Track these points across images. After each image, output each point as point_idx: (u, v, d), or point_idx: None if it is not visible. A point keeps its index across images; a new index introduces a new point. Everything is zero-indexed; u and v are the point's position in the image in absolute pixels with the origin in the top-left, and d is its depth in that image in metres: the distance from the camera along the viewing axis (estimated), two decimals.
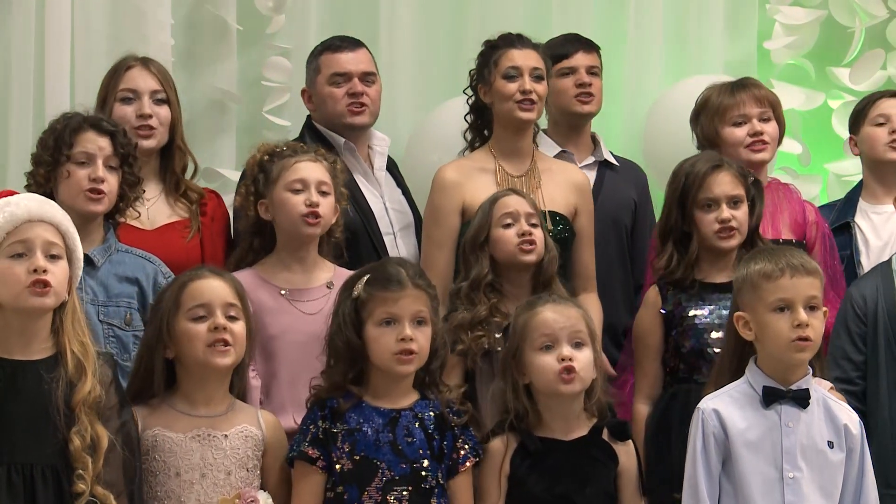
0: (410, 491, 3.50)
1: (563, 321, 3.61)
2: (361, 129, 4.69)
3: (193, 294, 3.56)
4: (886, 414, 4.15)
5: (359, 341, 3.56)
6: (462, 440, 3.59)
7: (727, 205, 4.08)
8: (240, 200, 4.05)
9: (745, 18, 5.92)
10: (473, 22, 5.62)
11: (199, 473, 3.49)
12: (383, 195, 4.69)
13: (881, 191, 4.86)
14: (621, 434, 3.65)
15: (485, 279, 4.04)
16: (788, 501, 3.39)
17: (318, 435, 3.53)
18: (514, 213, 4.07)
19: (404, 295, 3.56)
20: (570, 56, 4.84)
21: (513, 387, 3.61)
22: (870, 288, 4.28)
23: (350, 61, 4.68)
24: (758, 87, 4.63)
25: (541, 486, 3.56)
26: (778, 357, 3.44)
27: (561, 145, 4.86)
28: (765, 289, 3.44)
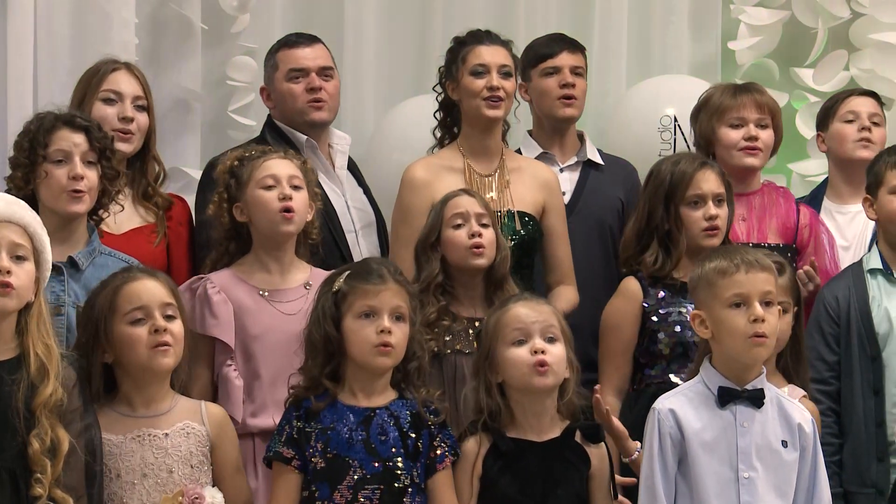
0: (382, 490, 3.49)
1: (536, 316, 3.61)
2: (321, 125, 4.67)
3: (129, 297, 3.52)
4: (860, 413, 4.18)
5: (337, 335, 3.56)
6: (439, 439, 3.59)
7: (713, 202, 4.10)
8: (213, 209, 4.02)
9: (709, 19, 5.94)
10: (438, 21, 5.62)
11: (139, 474, 3.47)
12: (345, 193, 4.68)
13: (846, 190, 4.87)
14: (594, 437, 3.65)
15: (435, 280, 4.03)
16: (744, 501, 3.39)
17: (293, 434, 3.53)
18: (464, 213, 4.06)
19: (385, 288, 3.57)
20: (555, 56, 4.83)
21: (486, 386, 3.61)
22: (842, 289, 4.30)
23: (307, 56, 4.67)
24: (761, 93, 4.65)
25: (513, 487, 3.56)
26: (734, 354, 3.44)
27: (545, 146, 4.85)
28: (720, 285, 3.45)
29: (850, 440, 4.12)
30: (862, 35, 5.87)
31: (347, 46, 5.54)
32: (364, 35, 5.60)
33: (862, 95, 4.94)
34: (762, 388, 3.47)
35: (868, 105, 4.87)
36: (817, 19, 5.91)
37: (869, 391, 4.21)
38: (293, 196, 3.92)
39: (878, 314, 4.26)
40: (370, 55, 5.61)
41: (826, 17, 5.90)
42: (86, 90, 4.35)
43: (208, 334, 3.86)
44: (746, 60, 5.91)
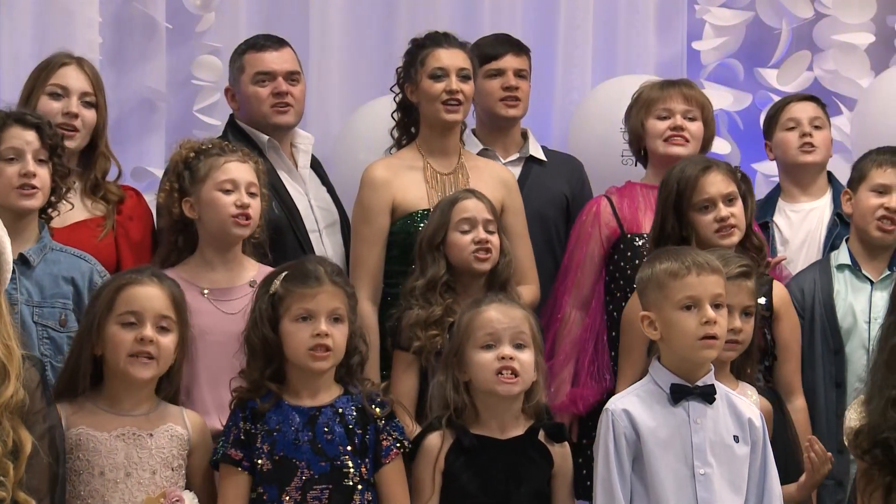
0: (331, 489, 3.49)
1: (507, 321, 3.61)
2: (286, 128, 4.67)
3: (128, 299, 3.52)
4: (822, 405, 4.22)
5: (275, 337, 3.55)
6: (386, 432, 3.58)
7: (723, 203, 4.09)
8: (164, 197, 4.00)
9: (674, 19, 5.96)
10: (403, 21, 5.62)
11: (123, 472, 3.47)
12: (308, 193, 4.67)
13: (797, 191, 4.91)
14: (557, 436, 3.66)
15: (441, 280, 4.06)
16: (700, 497, 3.41)
17: (241, 436, 3.52)
18: (472, 218, 4.08)
19: (321, 291, 3.56)
20: (500, 58, 4.84)
21: (453, 382, 3.61)
22: (808, 282, 4.34)
23: (275, 60, 4.65)
24: (689, 87, 4.64)
25: (475, 483, 3.57)
26: (685, 355, 3.46)
27: (487, 144, 4.86)
28: (671, 287, 3.45)
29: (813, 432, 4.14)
30: (825, 36, 5.90)
31: (313, 46, 5.53)
32: (329, 34, 5.59)
33: (801, 101, 4.97)
34: (713, 385, 3.48)
35: (808, 110, 4.90)
36: (781, 20, 5.94)
37: (831, 384, 4.24)
38: (251, 204, 3.91)
39: (843, 308, 4.30)
40: (336, 55, 5.60)
41: (790, 18, 5.92)
42: (34, 84, 4.32)
43: None
44: (711, 60, 5.93)
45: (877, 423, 3.47)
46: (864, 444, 3.49)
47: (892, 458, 3.45)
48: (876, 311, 4.28)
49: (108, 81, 4.60)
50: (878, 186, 4.34)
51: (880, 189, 4.34)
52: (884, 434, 3.45)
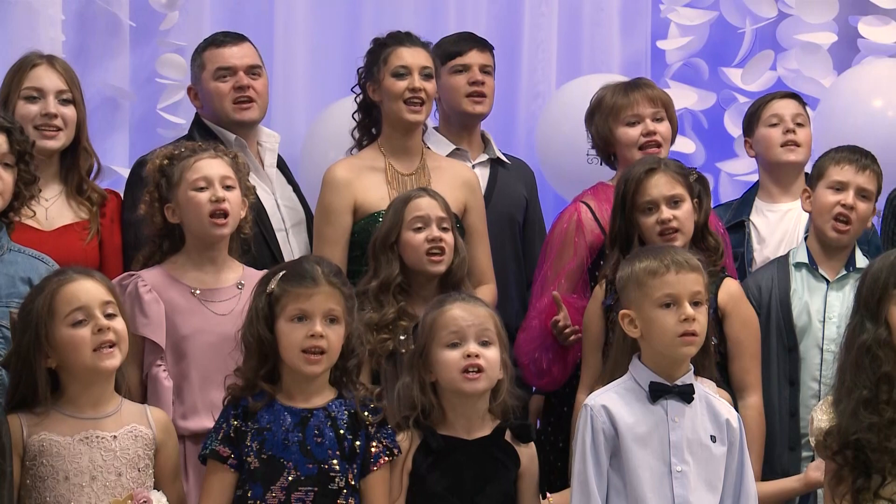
0: (316, 492, 3.49)
1: (472, 319, 3.61)
2: (250, 124, 4.65)
3: (68, 299, 3.47)
4: (775, 402, 4.22)
5: (270, 336, 3.54)
6: (377, 439, 3.58)
7: (666, 205, 4.09)
8: (145, 208, 3.98)
9: (638, 18, 5.98)
10: (369, 20, 5.62)
11: (88, 476, 3.44)
12: (275, 192, 4.67)
13: (777, 190, 4.92)
14: (524, 436, 3.66)
15: (394, 281, 4.05)
16: (677, 494, 3.42)
17: (230, 433, 3.52)
18: (425, 217, 4.07)
19: (317, 292, 3.55)
20: (464, 54, 4.84)
21: (419, 384, 3.61)
22: (766, 279, 4.35)
23: (234, 55, 4.64)
24: (650, 87, 4.65)
25: (442, 484, 3.57)
26: (664, 352, 3.47)
27: (453, 143, 4.86)
28: (650, 285, 3.47)
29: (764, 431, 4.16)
30: (788, 35, 5.93)
31: (278, 45, 5.53)
32: (294, 34, 5.59)
33: (784, 98, 4.98)
34: (691, 384, 3.50)
35: (791, 107, 4.92)
36: (745, 20, 5.96)
37: (785, 381, 4.26)
38: (226, 197, 3.90)
39: (799, 307, 4.31)
40: (301, 54, 5.60)
41: (753, 18, 5.95)
42: (9, 89, 4.31)
43: (138, 333, 3.81)
44: (675, 60, 5.95)
45: (847, 423, 3.48)
46: (835, 445, 3.50)
47: (863, 459, 3.46)
48: (831, 311, 4.30)
49: None
50: (835, 183, 4.35)
51: (837, 186, 4.35)
52: (855, 435, 3.46)
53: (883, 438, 3.46)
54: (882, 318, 3.53)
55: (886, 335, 3.51)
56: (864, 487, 3.47)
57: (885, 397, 3.48)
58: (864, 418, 3.47)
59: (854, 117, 5.40)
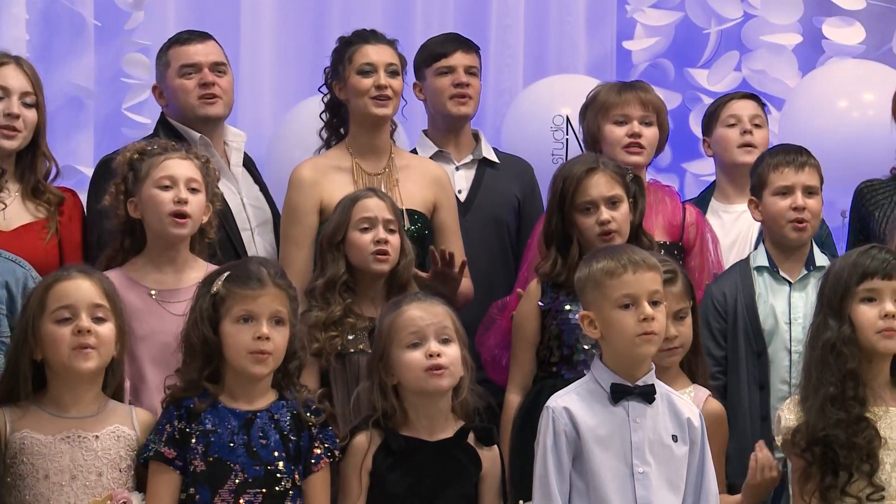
0: (264, 494, 3.47)
1: (430, 318, 3.60)
2: (216, 120, 4.63)
3: (58, 295, 3.48)
4: (746, 407, 4.21)
5: (215, 338, 3.51)
6: (319, 440, 3.57)
7: (605, 206, 4.09)
8: (110, 200, 3.97)
9: (604, 19, 6.00)
10: (335, 20, 5.62)
11: (68, 475, 3.42)
12: (240, 191, 4.65)
13: (733, 191, 4.93)
14: (486, 439, 3.65)
15: (340, 279, 4.03)
16: (639, 495, 3.41)
17: (174, 435, 3.48)
18: (372, 217, 4.05)
19: (264, 293, 3.53)
20: (449, 55, 4.83)
21: (380, 387, 3.59)
22: (729, 285, 4.33)
23: (199, 52, 4.62)
24: (645, 90, 4.66)
25: (402, 484, 3.56)
26: (625, 353, 3.46)
27: (440, 145, 4.86)
28: (609, 286, 3.46)
29: (735, 434, 4.15)
30: (754, 37, 5.96)
31: (244, 45, 5.52)
32: (261, 33, 5.58)
33: (742, 99, 5.00)
34: (653, 384, 3.49)
35: (748, 108, 4.94)
36: (710, 21, 5.98)
37: (755, 386, 4.25)
38: (189, 200, 3.88)
39: (765, 311, 4.31)
40: (267, 54, 5.59)
41: (719, 19, 5.97)
42: None
43: None
44: (641, 60, 5.97)
45: (815, 420, 3.49)
46: (803, 443, 3.51)
47: (830, 456, 3.47)
48: (795, 312, 4.30)
49: None
50: (780, 189, 4.33)
51: (783, 191, 4.33)
52: (823, 431, 3.47)
53: (851, 434, 3.47)
54: (846, 316, 3.55)
55: (850, 332, 3.53)
56: (832, 485, 3.48)
57: (851, 393, 3.50)
58: (831, 415, 3.49)
59: (819, 118, 5.43)
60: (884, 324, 3.52)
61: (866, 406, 3.52)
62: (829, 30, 5.92)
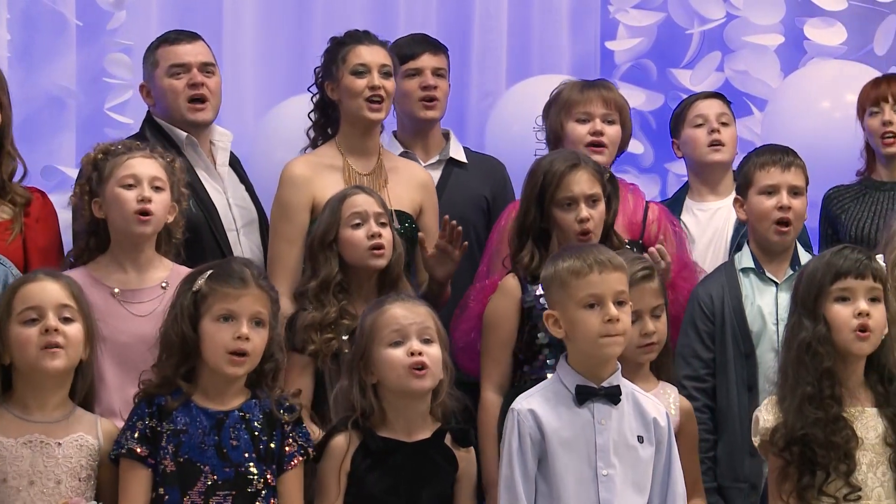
0: (235, 495, 3.46)
1: (413, 317, 3.60)
2: (203, 125, 4.63)
3: (24, 297, 3.48)
4: (735, 410, 4.21)
5: (194, 335, 3.51)
6: (292, 438, 3.56)
7: (585, 203, 4.09)
8: (75, 200, 3.97)
9: (587, 19, 6.00)
10: (317, 19, 5.62)
11: (27, 480, 3.41)
12: (226, 191, 4.64)
13: (705, 190, 4.96)
14: (463, 440, 3.65)
15: (334, 280, 4.03)
16: (602, 498, 3.40)
17: (146, 432, 3.47)
18: (362, 213, 4.05)
19: (246, 293, 3.52)
20: (417, 57, 4.83)
21: (360, 386, 3.58)
22: (716, 287, 4.33)
23: (188, 52, 4.61)
24: (608, 88, 4.66)
25: (380, 485, 3.55)
26: (589, 353, 3.45)
27: (408, 145, 4.85)
28: (574, 286, 3.44)
29: (724, 436, 4.17)
30: (736, 37, 5.97)
31: (226, 44, 5.51)
32: (243, 32, 5.57)
33: (707, 98, 5.02)
34: (618, 385, 3.48)
35: (714, 107, 4.95)
36: (693, 21, 5.99)
37: (743, 388, 4.26)
38: (152, 198, 3.87)
39: (752, 312, 4.31)
40: (249, 53, 5.58)
41: (701, 20, 5.98)
42: None
43: None
44: (624, 60, 5.97)
45: (793, 420, 3.50)
46: (781, 442, 3.51)
47: (808, 455, 3.48)
48: (783, 312, 4.27)
49: (16, 78, 4.56)
50: (766, 188, 4.34)
51: (769, 190, 4.34)
52: (801, 430, 3.48)
53: (829, 433, 3.48)
54: (820, 316, 3.56)
55: (825, 331, 3.54)
56: (810, 485, 3.49)
57: (828, 392, 3.51)
58: (809, 414, 3.50)
59: (801, 118, 5.44)
60: (858, 322, 3.53)
61: (843, 405, 3.53)
62: (810, 30, 5.94)
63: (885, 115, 4.82)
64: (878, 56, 5.97)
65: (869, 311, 3.54)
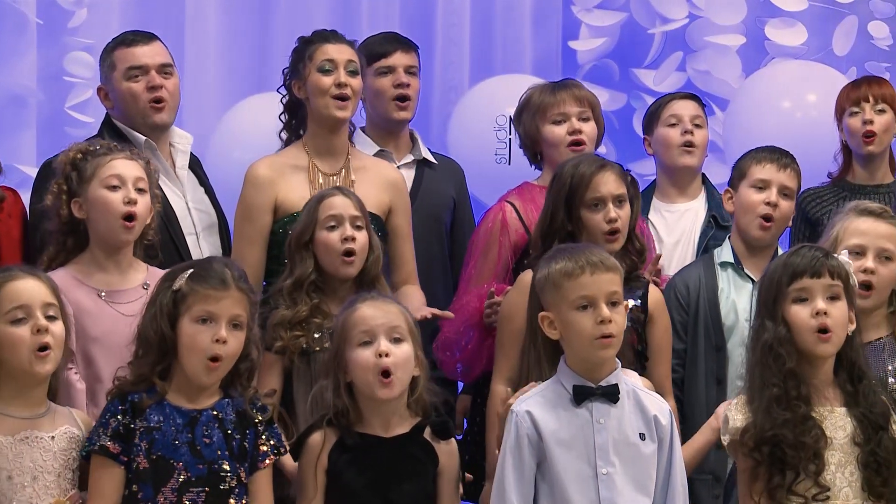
0: (207, 492, 3.44)
1: (381, 316, 3.59)
2: (163, 127, 4.61)
3: (10, 296, 3.43)
4: (703, 401, 4.23)
5: (172, 334, 3.49)
6: (265, 437, 3.55)
7: (613, 204, 4.08)
8: (51, 199, 3.93)
9: (550, 19, 6.01)
10: (280, 17, 5.60)
11: (30, 476, 3.39)
12: (185, 194, 4.60)
13: (674, 191, 4.96)
14: (443, 433, 3.64)
15: (308, 279, 4.02)
16: (603, 497, 3.40)
17: (119, 429, 3.45)
18: (338, 216, 4.04)
19: (227, 295, 3.50)
20: (389, 55, 4.81)
21: (335, 385, 3.58)
22: (693, 279, 4.37)
23: (146, 54, 4.57)
24: (578, 87, 4.65)
25: (359, 481, 3.54)
26: (584, 355, 3.46)
27: (379, 144, 4.84)
28: (567, 287, 3.45)
29: (692, 428, 4.16)
30: (698, 37, 6.00)
31: (188, 43, 5.49)
32: (205, 31, 5.55)
33: (683, 99, 5.03)
34: (617, 384, 3.48)
35: (689, 108, 4.96)
36: (655, 21, 6.02)
37: (712, 380, 4.28)
38: (138, 200, 3.86)
39: (726, 306, 4.34)
40: (210, 51, 5.56)
41: (663, 20, 6.01)
42: None
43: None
44: (587, 60, 5.99)
45: (762, 421, 3.50)
46: (751, 442, 3.51)
47: (779, 455, 3.49)
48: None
49: None
50: (758, 182, 4.39)
51: (760, 185, 4.39)
52: (771, 431, 3.49)
53: (798, 434, 3.48)
54: (780, 317, 3.55)
55: (786, 333, 3.53)
56: (780, 485, 3.48)
57: (794, 393, 3.51)
58: (777, 415, 3.49)
59: (763, 118, 5.47)
60: (817, 322, 3.52)
61: (811, 405, 3.53)
62: (772, 31, 5.98)
63: (866, 115, 4.87)
64: (837, 56, 6.02)
65: (827, 310, 3.52)
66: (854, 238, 3.91)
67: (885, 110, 4.89)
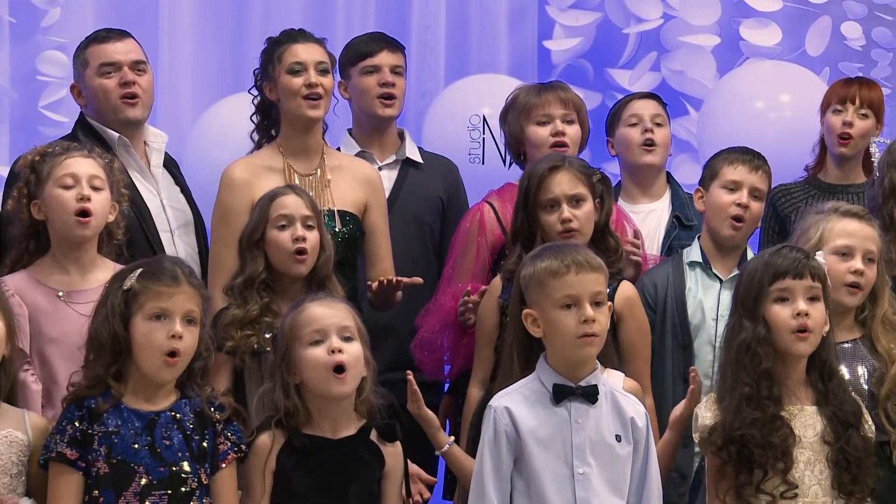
0: (170, 495, 3.43)
1: (332, 316, 3.59)
2: (136, 123, 4.59)
3: None
4: (669, 399, 4.24)
5: (125, 334, 3.48)
6: (224, 436, 3.54)
7: (567, 204, 4.09)
8: (12, 204, 3.92)
9: (525, 19, 6.02)
10: (255, 18, 5.60)
11: None
12: (160, 192, 4.59)
13: (637, 191, 4.97)
14: (389, 435, 3.64)
15: (259, 277, 4.01)
16: (579, 497, 3.41)
17: (76, 435, 3.43)
18: (289, 215, 4.04)
19: (179, 291, 3.50)
20: (375, 55, 4.81)
21: (283, 387, 3.57)
22: (661, 278, 4.39)
23: (118, 51, 4.56)
24: (564, 89, 4.67)
25: (306, 483, 3.53)
26: (566, 353, 3.47)
27: (364, 144, 4.84)
28: (551, 286, 3.46)
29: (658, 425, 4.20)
30: (672, 37, 6.01)
31: (163, 42, 5.48)
32: (179, 31, 5.54)
33: (643, 98, 5.04)
34: (596, 384, 3.49)
35: (649, 107, 4.97)
36: (629, 21, 6.03)
37: (679, 378, 4.30)
38: (92, 197, 3.84)
39: (693, 305, 4.37)
40: (186, 51, 5.55)
41: (637, 20, 6.02)
42: None
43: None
44: (561, 60, 6.00)
45: (731, 420, 3.52)
46: (719, 441, 3.53)
47: (746, 454, 3.50)
48: (724, 309, 4.32)
49: None
50: (729, 183, 4.41)
51: (731, 186, 4.41)
52: (739, 430, 3.50)
53: (766, 433, 3.50)
54: (760, 317, 3.57)
55: (765, 332, 3.56)
56: (747, 483, 3.51)
57: (766, 393, 3.53)
58: (747, 414, 3.51)
59: (737, 118, 5.50)
60: (797, 323, 3.55)
61: (781, 405, 3.55)
62: (746, 31, 6.00)
63: (847, 116, 4.89)
64: (811, 57, 6.05)
65: (808, 311, 3.55)
66: (841, 239, 3.93)
67: (867, 115, 4.91)
